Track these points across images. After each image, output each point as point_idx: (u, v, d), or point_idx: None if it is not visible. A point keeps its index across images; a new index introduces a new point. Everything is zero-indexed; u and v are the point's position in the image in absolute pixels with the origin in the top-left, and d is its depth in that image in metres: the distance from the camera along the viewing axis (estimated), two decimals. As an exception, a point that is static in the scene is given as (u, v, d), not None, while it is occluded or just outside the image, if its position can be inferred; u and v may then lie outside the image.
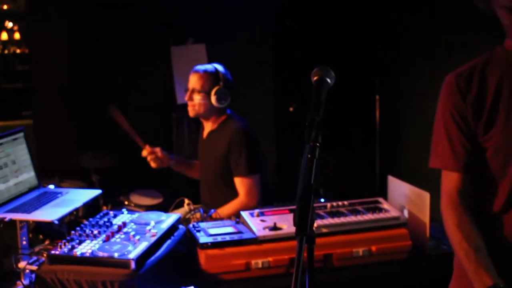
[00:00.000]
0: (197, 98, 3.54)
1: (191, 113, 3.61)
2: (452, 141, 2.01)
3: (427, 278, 2.79)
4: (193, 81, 3.55)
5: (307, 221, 1.49)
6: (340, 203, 3.01)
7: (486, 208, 2.01)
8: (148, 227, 2.67)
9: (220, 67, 3.59)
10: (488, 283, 1.85)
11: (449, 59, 4.29)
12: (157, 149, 3.68)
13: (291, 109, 5.43)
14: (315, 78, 1.77)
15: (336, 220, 2.82)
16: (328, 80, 1.77)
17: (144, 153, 3.66)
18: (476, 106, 1.95)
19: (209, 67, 3.57)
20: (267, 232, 2.73)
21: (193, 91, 3.55)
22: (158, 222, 2.74)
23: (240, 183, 3.50)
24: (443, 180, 2.07)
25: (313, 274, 1.62)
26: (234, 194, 3.52)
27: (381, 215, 2.88)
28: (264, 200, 3.50)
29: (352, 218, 2.84)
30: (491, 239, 1.96)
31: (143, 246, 2.45)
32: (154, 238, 2.54)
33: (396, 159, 5.32)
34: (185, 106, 3.67)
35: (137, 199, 3.86)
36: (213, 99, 3.51)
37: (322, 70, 1.78)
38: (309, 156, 1.57)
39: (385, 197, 3.22)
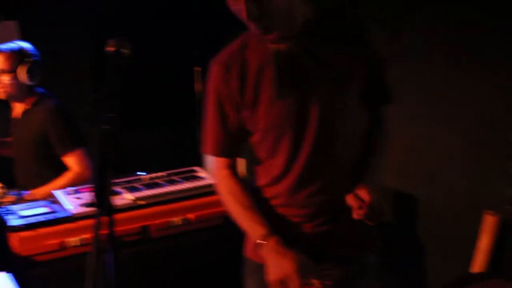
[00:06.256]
0: (6, 78, 3.38)
1: (3, 95, 3.45)
2: (221, 128, 2.01)
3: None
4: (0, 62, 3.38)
5: (105, 194, 1.49)
6: (158, 174, 3.02)
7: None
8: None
9: (26, 44, 3.45)
10: (262, 232, 1.91)
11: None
12: None
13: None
14: (111, 49, 1.74)
15: (152, 192, 2.83)
16: (125, 51, 1.74)
17: None
18: (240, 90, 1.93)
19: (13, 45, 3.41)
20: (84, 209, 2.69)
21: (1, 72, 3.39)
22: (-37, 209, 2.60)
23: (69, 158, 3.39)
24: (214, 159, 2.11)
25: (117, 248, 1.62)
26: (50, 174, 3.42)
27: (197, 183, 2.93)
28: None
29: (168, 188, 2.87)
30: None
31: None
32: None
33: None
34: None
35: None
36: (21, 77, 3.37)
37: (118, 42, 1.75)
38: (105, 128, 1.55)
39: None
